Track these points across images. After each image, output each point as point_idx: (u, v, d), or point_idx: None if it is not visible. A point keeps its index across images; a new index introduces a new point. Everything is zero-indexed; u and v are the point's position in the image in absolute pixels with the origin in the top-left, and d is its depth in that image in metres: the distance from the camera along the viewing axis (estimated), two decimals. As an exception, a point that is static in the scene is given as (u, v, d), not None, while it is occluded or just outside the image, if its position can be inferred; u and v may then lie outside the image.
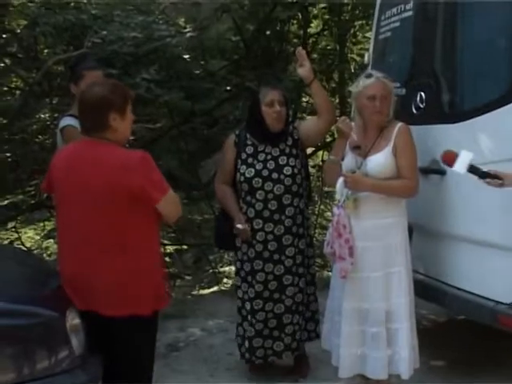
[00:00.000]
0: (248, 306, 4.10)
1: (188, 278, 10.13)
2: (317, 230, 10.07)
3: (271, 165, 4.03)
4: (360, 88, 3.79)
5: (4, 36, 7.22)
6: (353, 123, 3.84)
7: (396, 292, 3.75)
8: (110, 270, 3.04)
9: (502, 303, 3.56)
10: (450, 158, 3.09)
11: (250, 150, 4.10)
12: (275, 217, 4.02)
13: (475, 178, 3.14)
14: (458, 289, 3.91)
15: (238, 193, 4.14)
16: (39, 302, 2.93)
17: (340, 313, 3.83)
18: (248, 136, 4.13)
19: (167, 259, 10.69)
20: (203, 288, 9.20)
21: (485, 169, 3.20)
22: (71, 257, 3.12)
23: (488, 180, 3.00)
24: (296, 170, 4.04)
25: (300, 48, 4.02)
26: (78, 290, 3.05)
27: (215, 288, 8.53)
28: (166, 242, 10.39)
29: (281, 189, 4.01)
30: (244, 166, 4.06)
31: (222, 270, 9.31)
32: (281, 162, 4.03)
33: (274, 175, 4.01)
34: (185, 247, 10.16)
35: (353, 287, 3.79)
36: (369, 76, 3.81)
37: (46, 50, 6.37)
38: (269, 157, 4.05)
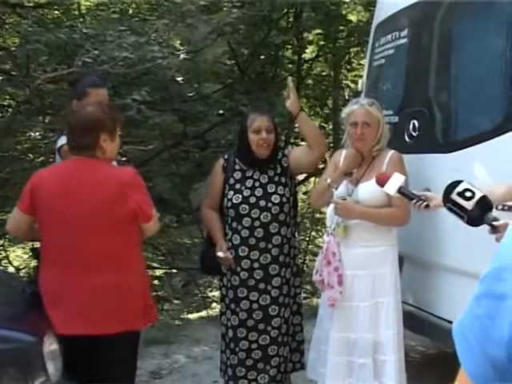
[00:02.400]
0: (231, 333, 4.01)
1: (176, 302, 10.08)
2: (307, 257, 10.06)
3: (259, 192, 3.96)
4: (345, 114, 3.80)
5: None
6: (344, 150, 3.80)
7: (384, 323, 3.69)
8: (109, 288, 3.04)
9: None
10: (382, 178, 3.11)
11: (237, 175, 4.03)
12: (261, 245, 3.95)
13: (406, 200, 3.14)
14: (449, 322, 3.83)
15: (224, 218, 4.06)
16: (16, 326, 2.84)
17: (327, 342, 3.77)
18: (237, 161, 4.06)
19: (156, 282, 10.65)
20: (191, 312, 9.14)
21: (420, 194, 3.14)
22: (64, 278, 3.04)
23: (415, 202, 2.97)
24: (284, 199, 3.98)
25: (290, 78, 3.95)
26: (68, 312, 2.99)
27: (203, 313, 8.46)
28: (155, 264, 10.36)
29: (267, 217, 3.94)
30: (231, 192, 3.99)
31: (210, 294, 9.24)
32: (269, 190, 3.97)
33: (262, 202, 3.94)
34: (174, 271, 10.10)
35: (341, 316, 3.73)
36: (354, 103, 3.80)
37: (38, 68, 6.30)
38: (257, 183, 3.99)
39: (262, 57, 8.22)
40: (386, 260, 3.73)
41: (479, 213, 2.47)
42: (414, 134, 4.15)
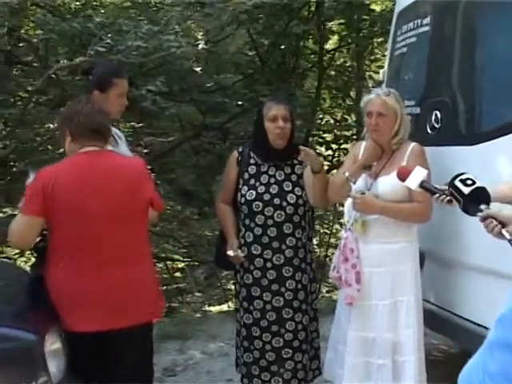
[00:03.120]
0: (244, 331, 3.90)
1: (198, 294, 10.03)
2: (330, 250, 9.94)
3: (274, 189, 3.82)
4: (363, 104, 3.68)
5: (21, 45, 7.15)
6: (364, 142, 3.65)
7: (404, 322, 3.55)
8: (143, 278, 3.09)
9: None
10: (404, 172, 3.00)
11: (252, 169, 3.89)
12: (274, 244, 3.81)
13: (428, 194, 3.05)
14: (472, 322, 3.67)
15: (238, 213, 3.93)
16: (16, 323, 2.73)
17: (345, 342, 3.65)
18: (251, 154, 3.92)
19: (178, 274, 10.62)
20: (213, 305, 9.07)
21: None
22: (86, 274, 2.96)
23: (437, 196, 2.83)
24: (301, 201, 3.83)
25: (303, 148, 3.74)
26: (93, 308, 2.94)
27: (224, 306, 8.38)
28: (176, 257, 10.32)
29: (281, 216, 3.79)
30: (245, 187, 3.86)
31: (232, 287, 9.15)
32: (285, 188, 3.82)
33: (276, 200, 3.80)
34: (196, 263, 10.04)
35: (359, 315, 3.60)
36: (372, 92, 3.68)
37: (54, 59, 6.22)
38: (272, 180, 3.85)
39: (283, 47, 8.06)
40: (406, 257, 3.59)
41: (475, 201, 2.61)
42: (436, 125, 3.98)
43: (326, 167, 9.07)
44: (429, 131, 4.02)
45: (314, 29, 8.16)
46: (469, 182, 2.66)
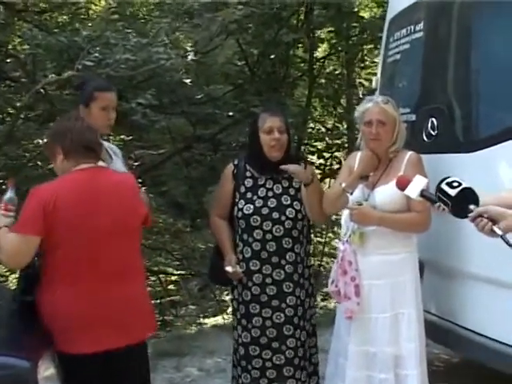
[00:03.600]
0: (242, 350, 3.80)
1: (192, 307, 9.95)
2: (324, 259, 9.89)
3: (272, 203, 3.74)
4: (359, 114, 3.60)
5: (8, 61, 7.07)
6: (359, 153, 3.58)
7: (405, 335, 3.49)
8: (138, 294, 3.08)
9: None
10: (403, 182, 2.95)
11: (249, 183, 3.81)
12: (273, 259, 3.73)
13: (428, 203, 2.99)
14: (476, 333, 3.60)
15: (235, 228, 3.84)
16: (7, 350, 2.63)
17: (345, 356, 3.58)
18: (247, 167, 3.83)
19: (172, 287, 10.54)
20: (207, 317, 8.99)
21: None
22: (93, 293, 2.90)
23: (438, 206, 2.78)
24: (300, 216, 3.76)
25: (284, 167, 3.66)
26: (102, 327, 2.90)
27: (219, 318, 8.29)
28: (170, 269, 10.24)
29: (280, 230, 3.72)
30: (242, 201, 3.77)
31: (227, 298, 9.07)
32: (284, 202, 3.74)
33: (275, 215, 3.72)
34: (190, 276, 9.98)
35: (359, 329, 3.54)
36: (368, 101, 3.60)
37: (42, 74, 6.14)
38: (270, 193, 3.76)
39: (273, 56, 8.02)
40: (406, 268, 3.52)
41: (463, 202, 2.62)
42: (432, 132, 3.93)
43: (318, 176, 9.08)
44: (425, 139, 3.97)
45: (303, 37, 8.13)
46: (455, 184, 2.67)
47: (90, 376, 2.91)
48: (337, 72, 9.42)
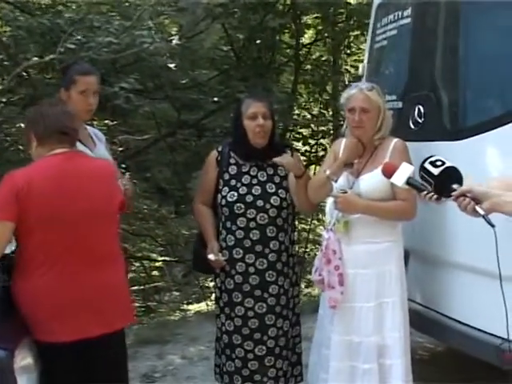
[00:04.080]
0: (226, 339, 3.77)
1: (176, 293, 9.92)
2: (308, 246, 9.88)
3: (257, 190, 3.69)
4: (344, 100, 3.55)
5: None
6: (344, 139, 3.53)
7: (390, 325, 3.46)
8: (118, 281, 3.05)
9: (509, 340, 3.21)
10: (389, 169, 2.91)
11: (233, 170, 3.75)
12: (257, 248, 3.68)
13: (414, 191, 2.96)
14: (459, 322, 3.58)
15: (218, 215, 3.79)
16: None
17: (328, 346, 3.54)
18: (231, 154, 3.77)
19: (156, 273, 10.51)
20: (191, 303, 8.96)
21: None
22: (70, 280, 2.85)
23: (425, 194, 2.74)
24: (285, 204, 3.71)
25: (277, 160, 3.59)
26: (81, 315, 2.86)
27: (202, 304, 8.27)
28: (154, 255, 10.20)
29: (264, 218, 3.67)
30: (226, 188, 3.72)
31: (211, 284, 9.05)
32: (269, 190, 3.69)
33: (259, 202, 3.67)
34: (173, 261, 9.93)
35: (343, 318, 3.50)
36: (353, 87, 3.56)
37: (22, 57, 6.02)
38: (254, 181, 3.71)
39: (259, 42, 7.94)
40: (391, 257, 3.49)
41: (446, 181, 2.60)
42: (419, 120, 3.89)
43: (304, 163, 9.04)
44: (412, 126, 3.92)
45: (289, 23, 8.05)
46: (438, 163, 2.67)
47: (68, 364, 2.87)
48: (323, 58, 9.35)
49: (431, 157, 2.71)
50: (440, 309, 3.78)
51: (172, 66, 6.42)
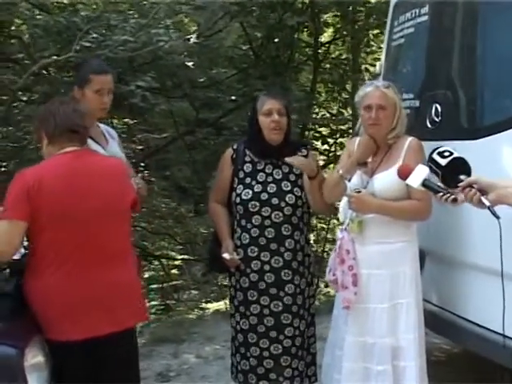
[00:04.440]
0: (241, 338, 3.75)
1: (194, 292, 9.93)
2: (327, 245, 9.83)
3: (272, 188, 3.66)
4: (358, 98, 3.52)
5: (12, 42, 7.00)
6: (358, 138, 3.50)
7: (404, 326, 3.42)
8: (130, 279, 3.04)
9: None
10: (405, 170, 2.90)
11: (248, 168, 3.73)
12: (272, 246, 3.66)
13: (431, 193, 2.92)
14: (476, 324, 3.53)
15: (233, 214, 3.77)
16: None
17: (342, 347, 3.52)
18: (247, 151, 3.75)
19: (175, 271, 10.52)
20: (209, 302, 8.96)
21: None
22: (81, 278, 2.85)
23: (441, 195, 2.70)
24: (300, 202, 3.68)
25: (289, 160, 3.57)
26: (92, 313, 2.84)
27: (221, 303, 8.26)
28: (173, 254, 10.21)
29: (279, 217, 3.64)
30: (241, 186, 3.69)
31: (228, 283, 9.04)
32: (284, 188, 3.66)
33: (274, 200, 3.64)
34: (192, 260, 9.94)
35: (356, 319, 3.46)
36: (368, 85, 3.52)
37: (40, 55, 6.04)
38: (269, 178, 3.68)
39: (277, 40, 7.91)
40: (405, 257, 3.44)
41: (453, 172, 2.62)
42: (436, 119, 3.84)
43: (322, 162, 8.98)
44: (428, 125, 3.88)
45: (308, 21, 8.00)
46: (446, 153, 2.69)
47: (78, 362, 2.86)
48: (342, 57, 9.30)
49: (440, 147, 2.71)
50: (456, 310, 3.73)
51: (190, 64, 6.40)
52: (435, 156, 2.71)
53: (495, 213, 2.45)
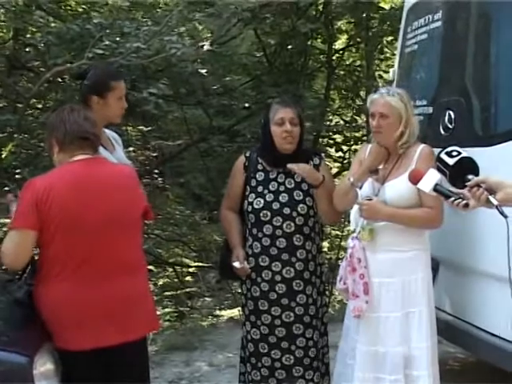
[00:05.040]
0: (252, 347, 3.72)
1: (208, 299, 9.91)
2: (341, 252, 9.78)
3: (284, 198, 3.64)
4: (368, 105, 3.51)
5: (27, 50, 7.04)
6: (369, 145, 3.48)
7: (416, 335, 3.39)
8: (141, 288, 3.03)
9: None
10: (416, 175, 2.86)
11: (260, 176, 3.71)
12: (283, 256, 3.63)
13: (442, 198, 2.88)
14: (489, 333, 3.48)
15: (245, 222, 3.75)
16: (2, 345, 2.57)
17: (353, 356, 3.48)
18: (259, 159, 3.74)
19: (189, 278, 10.52)
20: (223, 309, 8.94)
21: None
22: (90, 288, 2.83)
23: (453, 200, 2.66)
24: (312, 212, 3.66)
25: (290, 167, 3.56)
26: (101, 323, 2.83)
27: (235, 310, 8.24)
28: (187, 261, 10.20)
29: (291, 226, 3.61)
30: (253, 195, 3.68)
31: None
32: (296, 197, 3.64)
33: (286, 210, 3.62)
34: (205, 267, 9.93)
35: (368, 328, 3.44)
36: (376, 93, 3.51)
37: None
38: (281, 188, 3.66)
39: (290, 47, 7.90)
40: (417, 266, 3.41)
41: (460, 171, 2.61)
42: (449, 126, 3.82)
43: (336, 169, 8.94)
44: (442, 132, 3.86)
45: (321, 28, 7.99)
46: (454, 153, 2.69)
47: (88, 372, 2.85)
48: (356, 64, 9.26)
49: (448, 147, 2.71)
50: (470, 319, 3.69)
51: (203, 71, 6.40)
52: (443, 155, 2.71)
53: (503, 212, 2.44)
